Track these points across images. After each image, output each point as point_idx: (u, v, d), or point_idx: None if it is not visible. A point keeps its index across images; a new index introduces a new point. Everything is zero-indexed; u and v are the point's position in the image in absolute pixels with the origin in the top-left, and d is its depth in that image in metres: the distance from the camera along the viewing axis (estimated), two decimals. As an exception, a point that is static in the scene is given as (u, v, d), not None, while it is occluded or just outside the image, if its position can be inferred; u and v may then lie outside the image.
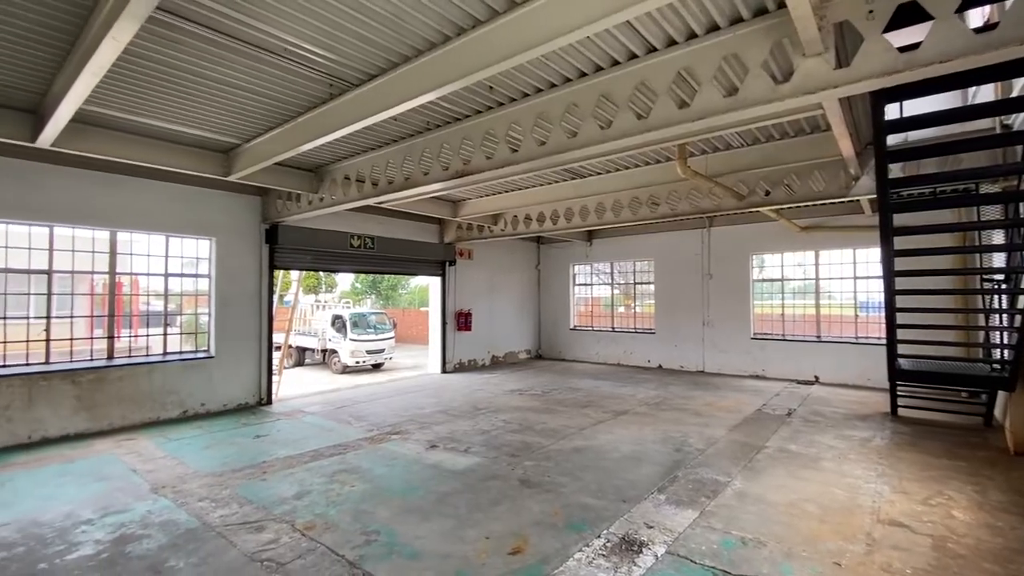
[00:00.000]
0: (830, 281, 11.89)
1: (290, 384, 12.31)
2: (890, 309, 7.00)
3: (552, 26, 3.50)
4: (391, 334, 15.96)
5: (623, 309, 15.75)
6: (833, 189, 7.68)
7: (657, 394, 10.28)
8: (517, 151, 5.65)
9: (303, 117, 5.89)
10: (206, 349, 8.98)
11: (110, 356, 8.07)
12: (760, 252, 12.80)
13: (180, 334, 9.04)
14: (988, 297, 7.99)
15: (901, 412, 8.25)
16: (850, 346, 11.26)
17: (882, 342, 8.21)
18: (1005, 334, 7.28)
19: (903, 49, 3.25)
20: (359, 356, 14.72)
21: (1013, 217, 6.57)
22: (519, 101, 5.58)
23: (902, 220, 6.72)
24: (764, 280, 13.02)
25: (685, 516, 4.53)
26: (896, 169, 6.92)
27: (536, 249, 16.88)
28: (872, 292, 11.32)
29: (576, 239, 15.40)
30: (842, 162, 6.93)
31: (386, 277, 35.20)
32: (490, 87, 5.27)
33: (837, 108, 4.77)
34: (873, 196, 7.34)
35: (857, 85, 3.46)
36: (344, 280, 35.90)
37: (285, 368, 13.46)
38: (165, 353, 8.63)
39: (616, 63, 4.70)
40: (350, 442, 6.98)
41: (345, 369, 14.74)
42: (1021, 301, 6.58)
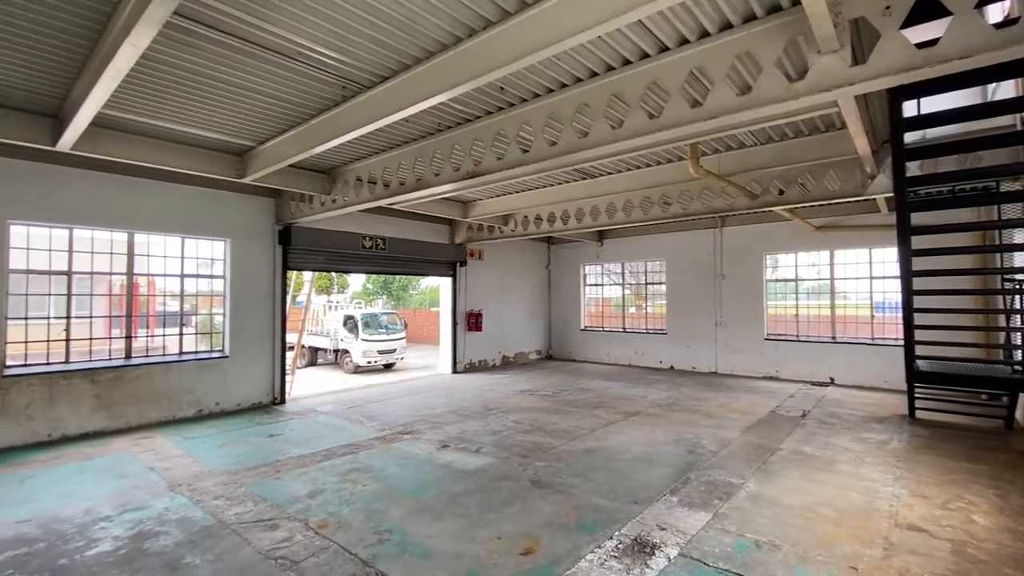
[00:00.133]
0: (845, 281, 11.72)
1: (303, 384, 12.42)
2: (908, 310, 6.85)
3: (563, 26, 3.49)
4: (402, 334, 16.05)
5: (634, 310, 15.66)
6: (849, 188, 7.58)
7: (669, 395, 10.21)
8: (528, 151, 5.65)
9: (316, 119, 5.95)
10: (221, 349, 9.10)
11: (128, 356, 8.21)
12: (773, 252, 12.65)
13: (195, 334, 9.19)
14: (1009, 297, 7.83)
15: (919, 414, 8.12)
16: (866, 347, 11.09)
17: (899, 343, 8.04)
18: (1027, 335, 7.12)
19: (921, 45, 3.20)
20: (371, 356, 14.82)
21: (1035, 216, 6.44)
22: (530, 101, 5.58)
23: (920, 219, 6.59)
24: (778, 280, 12.88)
25: (698, 518, 4.49)
26: (914, 167, 6.80)
27: (547, 249, 16.86)
28: (888, 292, 11.14)
29: (587, 239, 15.34)
30: (858, 160, 6.84)
31: (397, 278, 35.39)
32: (501, 88, 5.28)
33: (853, 106, 4.71)
34: (890, 195, 7.23)
35: (874, 82, 3.42)
36: (356, 281, 36.18)
37: (298, 368, 13.61)
38: (181, 353, 8.76)
39: (628, 62, 4.68)
40: (362, 441, 7.02)
41: (357, 369, 14.85)
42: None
